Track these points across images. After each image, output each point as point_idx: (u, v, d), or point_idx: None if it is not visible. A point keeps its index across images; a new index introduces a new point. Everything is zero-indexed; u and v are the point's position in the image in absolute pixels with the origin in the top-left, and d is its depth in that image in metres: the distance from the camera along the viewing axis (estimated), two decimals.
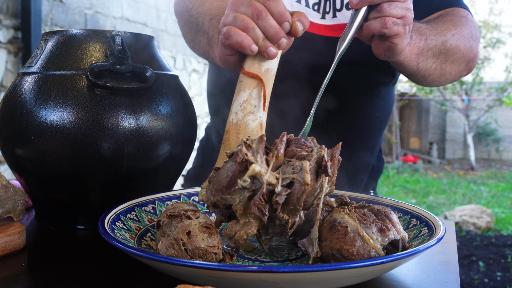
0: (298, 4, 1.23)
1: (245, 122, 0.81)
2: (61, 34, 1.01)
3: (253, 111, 0.81)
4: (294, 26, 0.81)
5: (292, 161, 0.69)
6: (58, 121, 0.92)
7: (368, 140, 1.34)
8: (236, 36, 0.79)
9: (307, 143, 0.72)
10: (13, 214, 0.93)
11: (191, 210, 0.76)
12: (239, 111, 0.81)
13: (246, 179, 0.68)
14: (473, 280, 3.79)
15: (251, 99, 0.81)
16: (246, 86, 0.81)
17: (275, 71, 0.83)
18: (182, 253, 0.70)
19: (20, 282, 0.73)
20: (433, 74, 1.12)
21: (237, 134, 0.81)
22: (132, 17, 4.49)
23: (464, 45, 1.14)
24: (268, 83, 0.82)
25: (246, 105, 0.81)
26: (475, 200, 7.09)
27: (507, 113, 11.33)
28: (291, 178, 0.69)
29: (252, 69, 0.81)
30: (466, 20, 1.17)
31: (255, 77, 0.81)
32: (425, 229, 0.80)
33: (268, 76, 0.81)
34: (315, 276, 0.59)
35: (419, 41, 1.03)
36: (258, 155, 0.69)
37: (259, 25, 0.79)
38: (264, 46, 0.80)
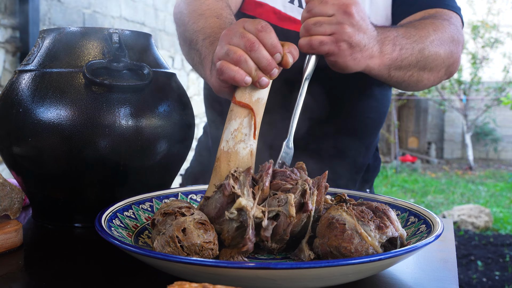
0: (291, 5, 1.22)
1: (236, 150, 0.83)
2: (58, 32, 1.00)
3: (243, 140, 0.83)
4: (285, 58, 0.82)
5: (278, 194, 0.73)
6: (55, 119, 0.92)
7: (362, 140, 1.33)
8: (229, 72, 0.80)
9: (292, 176, 0.75)
10: (10, 212, 0.93)
11: (185, 207, 0.76)
12: (230, 139, 0.83)
13: (233, 212, 0.72)
14: (472, 279, 3.80)
15: (242, 128, 0.83)
16: (237, 115, 0.83)
17: (265, 100, 0.85)
18: (179, 251, 0.69)
19: (17, 280, 0.73)
20: (408, 81, 1.09)
21: (228, 162, 0.83)
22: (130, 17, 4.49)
23: (444, 51, 1.10)
24: (259, 112, 0.84)
25: (237, 134, 0.83)
26: (473, 199, 7.09)
27: (505, 112, 11.34)
28: (276, 210, 0.72)
29: (243, 98, 0.83)
30: (449, 24, 1.14)
31: (246, 107, 0.83)
32: (423, 226, 0.80)
33: (259, 105, 0.83)
34: (313, 273, 0.59)
35: (391, 51, 1.00)
36: (245, 188, 0.72)
37: (251, 56, 0.80)
38: (256, 77, 0.81)
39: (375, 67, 0.98)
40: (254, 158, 0.85)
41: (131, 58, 0.99)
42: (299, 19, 1.22)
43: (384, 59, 0.99)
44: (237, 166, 0.83)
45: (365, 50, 0.93)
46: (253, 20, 0.81)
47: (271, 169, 0.74)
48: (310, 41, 0.89)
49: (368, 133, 1.34)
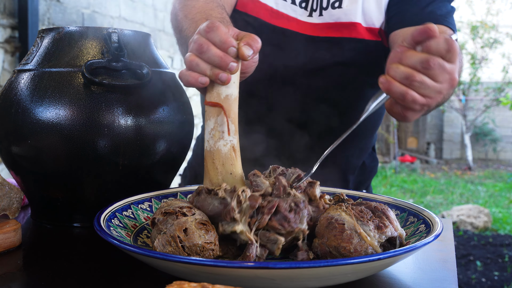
0: (283, 2, 1.22)
1: (217, 148, 0.85)
2: (57, 31, 1.00)
3: (222, 137, 0.85)
4: (241, 51, 0.82)
5: (271, 233, 0.74)
6: (54, 118, 0.91)
7: (356, 142, 1.33)
8: (184, 78, 0.83)
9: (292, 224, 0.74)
10: (9, 212, 0.93)
11: (186, 207, 0.76)
12: (210, 138, 0.85)
13: (227, 231, 0.75)
14: (471, 279, 3.80)
15: (218, 126, 0.85)
16: (211, 115, 0.85)
17: (235, 95, 0.86)
18: (180, 250, 0.69)
19: (16, 280, 0.73)
20: None
21: (212, 160, 0.86)
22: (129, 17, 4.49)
23: None
24: (230, 108, 0.85)
25: (214, 133, 0.85)
26: (472, 200, 7.09)
27: (505, 113, 11.35)
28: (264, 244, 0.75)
29: (212, 98, 0.84)
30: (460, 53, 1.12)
31: (216, 105, 0.84)
32: (423, 226, 0.80)
33: (229, 101, 0.85)
34: (312, 273, 0.59)
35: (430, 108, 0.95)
36: (244, 217, 0.74)
37: (203, 58, 0.81)
38: (214, 75, 0.81)
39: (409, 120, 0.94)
40: (237, 153, 0.86)
41: (130, 58, 0.99)
42: (292, 16, 1.21)
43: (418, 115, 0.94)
44: (222, 164, 0.85)
45: None
46: (208, 21, 0.82)
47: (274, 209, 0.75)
48: (406, 94, 0.81)
49: (363, 135, 1.34)
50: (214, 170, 0.85)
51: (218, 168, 0.85)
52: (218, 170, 0.85)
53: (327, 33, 1.21)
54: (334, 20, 1.21)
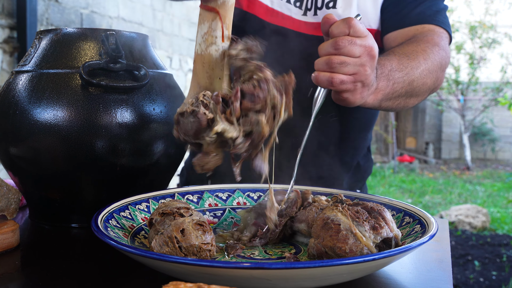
0: (278, 1, 1.23)
1: (209, 52, 0.85)
2: (55, 33, 1.01)
3: (214, 42, 0.85)
4: None
5: (250, 116, 0.77)
6: (52, 119, 0.92)
7: (348, 142, 1.33)
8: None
9: (260, 94, 0.77)
10: (7, 212, 0.93)
11: (184, 207, 0.76)
12: (202, 42, 0.85)
13: (212, 136, 0.77)
14: (469, 279, 3.80)
15: (211, 31, 0.85)
16: (205, 19, 0.85)
17: (232, 2, 0.86)
18: (177, 251, 0.70)
19: (14, 280, 0.73)
20: (396, 107, 1.13)
21: (202, 63, 0.86)
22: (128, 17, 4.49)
23: (431, 79, 1.14)
24: (226, 14, 0.85)
25: (207, 37, 0.85)
26: (470, 199, 7.10)
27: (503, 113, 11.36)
28: (250, 129, 0.78)
29: (209, 2, 0.84)
30: (439, 49, 1.16)
31: (212, 10, 0.84)
32: (418, 226, 0.81)
33: (225, 8, 0.85)
34: (307, 273, 0.60)
35: (385, 87, 1.02)
36: (217, 115, 0.76)
37: None
38: None
39: (370, 102, 1.01)
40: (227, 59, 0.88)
41: (128, 59, 0.99)
42: (287, 14, 1.22)
43: (378, 95, 1.02)
44: (212, 68, 0.85)
45: (370, 88, 0.96)
46: None
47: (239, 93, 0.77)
48: (331, 78, 0.89)
49: (355, 135, 1.34)
50: (203, 73, 0.86)
51: (207, 72, 0.86)
52: (207, 74, 0.86)
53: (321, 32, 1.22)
54: None
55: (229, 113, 0.76)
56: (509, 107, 8.20)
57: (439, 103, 11.32)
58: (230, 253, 0.78)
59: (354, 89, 0.92)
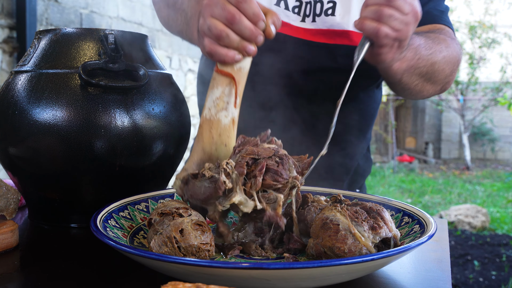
0: (276, 7, 1.22)
1: (218, 118, 0.85)
2: (54, 33, 1.01)
3: (225, 108, 0.84)
4: (268, 30, 0.82)
5: (269, 193, 0.76)
6: (51, 119, 0.92)
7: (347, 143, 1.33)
8: (219, 56, 0.82)
9: (284, 175, 0.76)
10: (6, 212, 0.93)
11: (183, 208, 0.76)
12: (212, 107, 0.84)
13: (226, 206, 0.75)
14: (468, 279, 3.81)
15: (224, 96, 0.84)
16: (219, 84, 0.84)
17: (247, 69, 0.85)
18: (176, 251, 0.70)
19: (13, 280, 0.73)
20: (413, 89, 1.13)
21: (210, 129, 0.85)
22: (127, 17, 4.49)
23: (450, 69, 1.15)
24: (241, 81, 0.85)
25: (219, 102, 0.84)
26: (470, 199, 7.11)
27: (503, 113, 11.37)
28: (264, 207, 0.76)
29: (225, 68, 0.84)
30: (456, 43, 1.18)
31: (228, 75, 0.84)
32: (417, 226, 0.81)
33: (241, 74, 0.84)
34: (306, 273, 0.60)
35: (411, 59, 1.03)
36: (237, 186, 0.75)
37: (234, 29, 0.80)
38: (242, 47, 0.82)
39: (394, 68, 1.01)
40: (235, 126, 0.87)
41: (127, 59, 0.99)
42: (285, 21, 1.22)
43: (403, 64, 1.02)
44: (219, 134, 0.85)
45: (402, 53, 0.97)
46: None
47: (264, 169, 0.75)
48: (378, 29, 0.88)
49: (355, 135, 1.34)
50: (209, 139, 0.85)
51: (214, 138, 0.85)
52: (213, 140, 0.85)
53: (320, 39, 1.21)
54: (327, 27, 1.21)
55: (249, 187, 0.75)
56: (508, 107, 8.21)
57: (439, 103, 11.32)
58: (227, 254, 0.78)
59: (393, 47, 0.92)
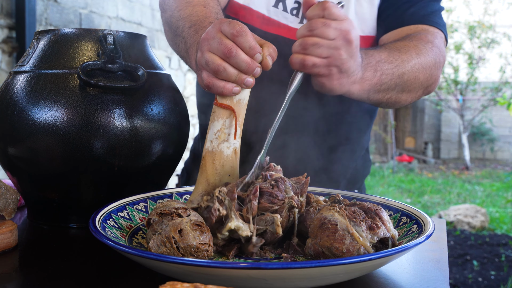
0: (275, 9, 1.22)
1: (220, 149, 0.86)
2: (53, 33, 1.01)
3: (227, 139, 0.86)
4: (265, 61, 0.83)
5: (266, 214, 0.77)
6: (50, 120, 0.92)
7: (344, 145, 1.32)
8: (217, 88, 0.83)
9: (279, 195, 0.78)
10: (5, 212, 0.93)
11: (182, 208, 0.76)
12: (214, 139, 0.86)
13: (225, 233, 0.77)
14: (467, 279, 3.81)
15: (225, 128, 0.86)
16: (220, 116, 0.86)
17: (246, 100, 0.87)
18: (174, 251, 0.70)
19: (12, 280, 0.73)
20: (387, 102, 1.11)
21: (212, 160, 0.86)
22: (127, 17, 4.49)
23: (424, 75, 1.12)
24: (240, 112, 0.86)
25: (220, 134, 0.86)
26: (469, 199, 7.11)
27: (502, 113, 11.36)
28: (264, 229, 0.77)
29: (224, 100, 0.85)
30: (432, 46, 1.15)
31: (227, 108, 0.85)
32: (415, 226, 0.81)
33: (240, 106, 0.86)
34: (304, 273, 0.60)
35: (372, 77, 1.01)
36: (231, 212, 0.76)
37: (230, 62, 0.81)
38: (239, 80, 0.82)
39: (355, 92, 0.99)
40: (238, 156, 0.88)
41: (126, 60, 1.00)
42: (283, 23, 1.22)
43: (364, 85, 1.00)
44: (222, 165, 0.86)
45: (351, 76, 0.94)
46: (230, 22, 0.82)
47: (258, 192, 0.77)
48: (304, 60, 0.88)
49: (351, 137, 1.34)
50: (212, 170, 0.86)
51: (217, 169, 0.86)
52: (217, 171, 0.86)
53: None
54: None
55: (246, 211, 0.76)
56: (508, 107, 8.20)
57: (438, 103, 11.33)
58: (228, 256, 0.78)
59: (329, 74, 0.90)
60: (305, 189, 0.82)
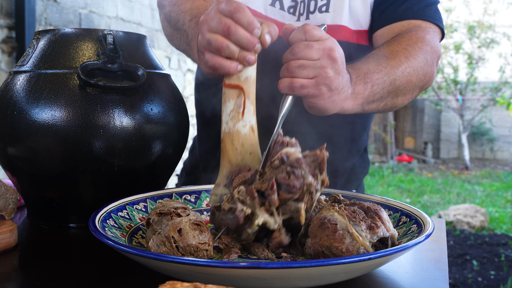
0: (272, 8, 1.22)
1: (237, 129, 0.86)
2: (53, 33, 1.01)
3: (241, 118, 0.87)
4: (263, 38, 0.84)
5: (289, 205, 0.77)
6: (49, 119, 0.92)
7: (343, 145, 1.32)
8: (223, 67, 0.84)
9: (297, 185, 0.77)
10: (5, 212, 0.93)
11: (181, 207, 0.77)
12: (229, 120, 0.87)
13: (255, 228, 0.77)
14: (467, 279, 3.81)
15: (237, 108, 0.86)
16: (230, 97, 0.86)
17: (254, 77, 0.87)
18: (174, 251, 0.70)
19: (12, 280, 0.73)
20: (383, 108, 1.10)
21: (231, 141, 0.87)
22: (126, 17, 4.49)
23: (416, 76, 1.11)
24: (250, 89, 0.87)
25: (234, 114, 0.86)
26: (469, 199, 7.11)
27: (501, 112, 11.37)
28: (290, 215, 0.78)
29: (232, 80, 0.86)
30: (422, 44, 1.13)
31: (236, 87, 0.86)
32: (415, 226, 0.81)
33: (248, 83, 0.86)
34: (303, 272, 0.60)
35: (363, 90, 1.00)
36: (256, 209, 0.76)
37: (231, 40, 0.82)
38: (242, 57, 0.83)
39: (349, 107, 0.99)
40: (256, 133, 0.89)
41: (126, 59, 1.00)
42: (281, 21, 1.22)
43: (357, 100, 0.99)
44: (242, 144, 0.87)
45: (342, 93, 0.94)
46: (227, 1, 0.83)
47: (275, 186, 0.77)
48: (291, 83, 0.88)
49: (350, 136, 1.34)
50: (233, 151, 0.87)
51: (237, 149, 0.87)
52: (237, 151, 0.87)
53: None
54: (320, 23, 1.21)
55: (268, 205, 0.77)
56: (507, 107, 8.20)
57: (438, 103, 11.33)
58: (224, 257, 0.78)
59: (319, 94, 0.90)
60: (324, 166, 0.81)
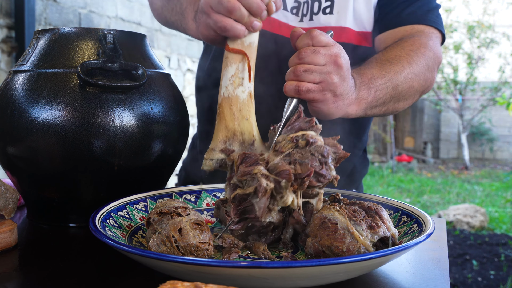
0: None
1: (236, 94, 0.88)
2: (53, 32, 1.01)
3: (241, 83, 0.88)
4: (269, 5, 0.86)
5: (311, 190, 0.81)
6: (49, 119, 0.92)
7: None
8: (234, 30, 0.85)
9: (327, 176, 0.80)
10: (4, 212, 0.93)
11: (181, 207, 0.76)
12: (229, 85, 0.88)
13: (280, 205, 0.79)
14: (467, 279, 3.81)
15: (239, 73, 0.88)
16: (232, 62, 0.88)
17: (256, 43, 0.89)
18: (174, 250, 0.70)
19: (12, 279, 0.73)
20: (385, 113, 1.12)
21: (230, 106, 0.88)
22: (126, 17, 4.48)
23: (418, 82, 1.12)
24: (252, 56, 0.88)
25: (234, 79, 0.87)
26: (469, 199, 7.11)
27: (501, 112, 11.38)
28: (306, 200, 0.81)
29: (236, 45, 0.87)
30: (425, 50, 1.15)
31: (239, 53, 0.87)
32: (415, 225, 0.81)
33: (251, 49, 0.88)
34: (304, 272, 0.60)
35: (367, 96, 1.01)
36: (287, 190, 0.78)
37: (242, 3, 0.84)
38: (249, 22, 0.85)
39: (353, 112, 1.00)
40: (253, 99, 0.90)
41: (126, 59, 0.99)
42: (283, 22, 1.22)
43: (360, 105, 1.01)
44: (239, 109, 0.88)
45: (346, 99, 0.95)
46: None
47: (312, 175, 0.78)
48: (297, 87, 0.89)
49: (349, 139, 1.33)
50: (230, 116, 0.88)
51: (235, 114, 0.87)
52: (235, 116, 0.87)
53: None
54: (324, 25, 1.21)
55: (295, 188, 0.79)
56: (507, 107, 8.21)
57: (437, 102, 11.34)
58: (225, 257, 0.78)
59: (324, 99, 0.91)
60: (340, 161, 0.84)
